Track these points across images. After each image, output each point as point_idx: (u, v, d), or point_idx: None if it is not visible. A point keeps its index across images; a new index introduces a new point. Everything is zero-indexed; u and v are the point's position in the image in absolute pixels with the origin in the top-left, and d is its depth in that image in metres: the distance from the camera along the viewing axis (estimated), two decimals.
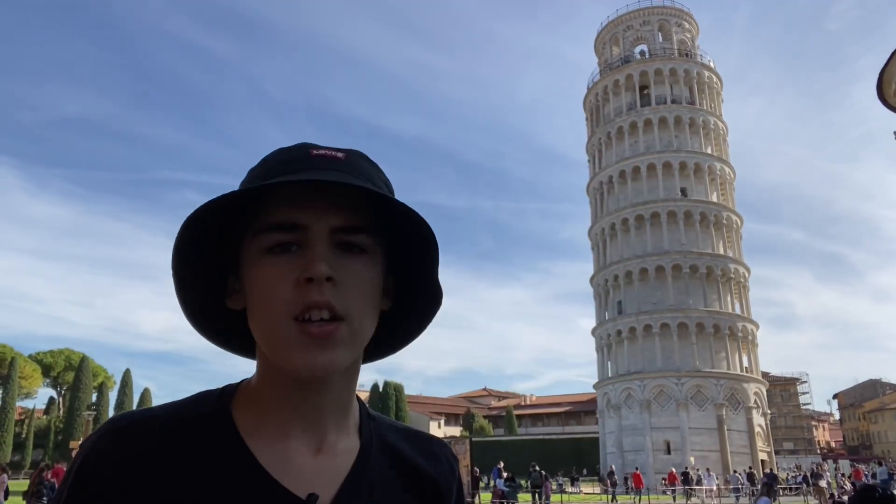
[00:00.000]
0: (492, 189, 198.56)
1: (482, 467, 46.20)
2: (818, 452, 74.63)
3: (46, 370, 64.79)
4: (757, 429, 42.21)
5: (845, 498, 22.96)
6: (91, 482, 0.63)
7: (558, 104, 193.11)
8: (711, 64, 50.34)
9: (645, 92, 49.03)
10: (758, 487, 30.21)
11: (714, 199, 45.81)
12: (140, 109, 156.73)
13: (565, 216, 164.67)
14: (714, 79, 49.92)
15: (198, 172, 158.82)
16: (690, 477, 33.13)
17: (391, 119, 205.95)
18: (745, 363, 44.11)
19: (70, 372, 63.65)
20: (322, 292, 0.63)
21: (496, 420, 77.54)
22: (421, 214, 0.66)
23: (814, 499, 28.66)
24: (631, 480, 32.97)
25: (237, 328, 0.73)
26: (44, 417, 63.98)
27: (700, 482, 31.96)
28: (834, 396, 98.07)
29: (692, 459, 37.42)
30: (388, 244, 0.72)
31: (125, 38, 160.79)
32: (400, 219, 0.68)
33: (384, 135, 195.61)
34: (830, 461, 55.64)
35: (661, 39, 51.21)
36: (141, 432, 0.66)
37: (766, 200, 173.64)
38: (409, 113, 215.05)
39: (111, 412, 61.40)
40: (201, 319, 0.75)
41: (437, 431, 61.14)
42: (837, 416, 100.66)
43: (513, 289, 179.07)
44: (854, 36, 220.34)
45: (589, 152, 51.97)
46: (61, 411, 64.21)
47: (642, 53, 51.34)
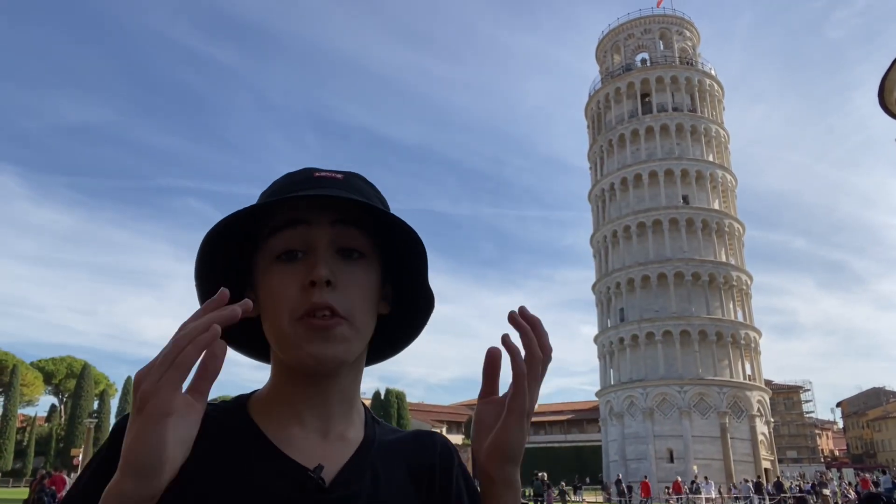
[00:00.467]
0: (493, 196, 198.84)
1: None
2: (822, 461, 74.20)
3: (48, 378, 64.71)
4: (760, 437, 42.01)
5: None
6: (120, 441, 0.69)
7: (560, 112, 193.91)
8: (712, 72, 50.46)
9: (646, 99, 49.13)
10: (764, 497, 30.09)
11: (716, 207, 45.80)
12: (143, 117, 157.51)
13: (567, 223, 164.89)
14: (715, 86, 50.01)
15: (200, 180, 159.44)
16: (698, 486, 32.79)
17: (393, 126, 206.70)
18: (748, 371, 43.93)
19: (72, 379, 63.60)
20: (322, 295, 0.71)
21: None
22: (410, 224, 0.74)
23: None
24: (638, 489, 32.69)
25: (254, 334, 0.80)
26: (45, 425, 63.87)
27: (698, 491, 31.58)
28: (837, 405, 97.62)
29: (695, 468, 37.20)
30: (384, 254, 0.80)
31: (129, 46, 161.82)
32: (393, 231, 0.76)
33: (386, 142, 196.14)
34: (834, 470, 55.34)
35: (663, 47, 51.36)
36: None
37: (768, 208, 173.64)
38: (411, 120, 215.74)
39: (112, 420, 61.32)
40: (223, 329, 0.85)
41: None
42: (841, 425, 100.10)
43: (514, 296, 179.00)
44: (855, 43, 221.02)
45: (590, 160, 52.04)
46: (63, 419, 64.13)
47: (643, 61, 51.49)
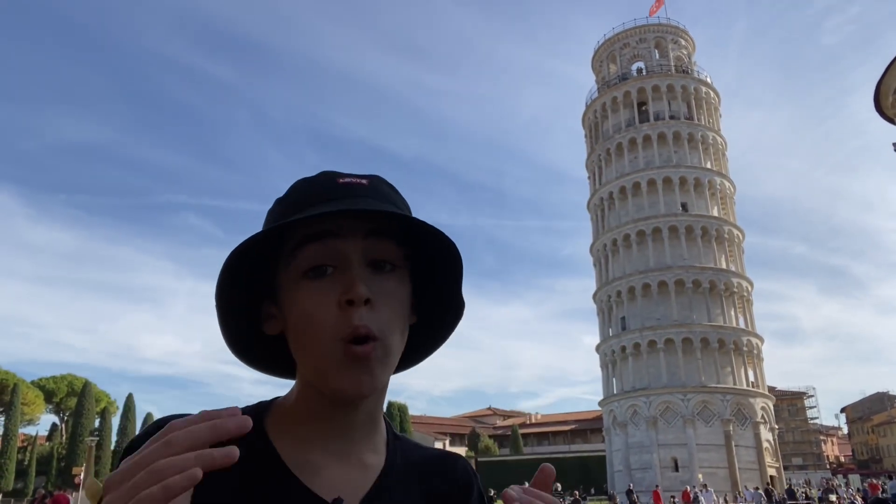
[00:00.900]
0: (492, 207, 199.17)
1: (495, 487, 45.74)
2: (827, 467, 73.84)
3: (49, 396, 64.44)
4: (765, 444, 41.80)
5: None
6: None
7: (557, 122, 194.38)
8: (708, 79, 50.72)
9: (643, 108, 49.34)
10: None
11: (715, 214, 45.87)
12: (141, 134, 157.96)
13: (567, 233, 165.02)
14: (711, 94, 50.24)
15: (200, 196, 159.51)
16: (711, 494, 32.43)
17: (391, 139, 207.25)
18: (751, 378, 43.82)
19: (73, 398, 63.33)
20: (362, 317, 0.67)
21: (501, 439, 76.87)
22: (446, 233, 0.70)
23: None
24: (644, 499, 32.35)
25: (272, 351, 0.77)
26: (46, 444, 63.49)
27: (697, 499, 30.89)
28: (841, 410, 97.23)
29: (700, 476, 36.97)
30: (414, 260, 0.76)
31: (126, 64, 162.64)
32: (425, 237, 0.72)
33: (385, 155, 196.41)
34: (840, 476, 55.04)
35: (658, 56, 51.65)
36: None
37: (767, 214, 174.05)
38: (409, 133, 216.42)
39: (114, 438, 61.12)
40: (241, 346, 0.78)
41: None
42: (845, 431, 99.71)
43: (515, 307, 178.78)
44: (849, 49, 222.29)
45: (589, 169, 52.18)
46: (64, 438, 63.76)
47: (639, 70, 51.75)
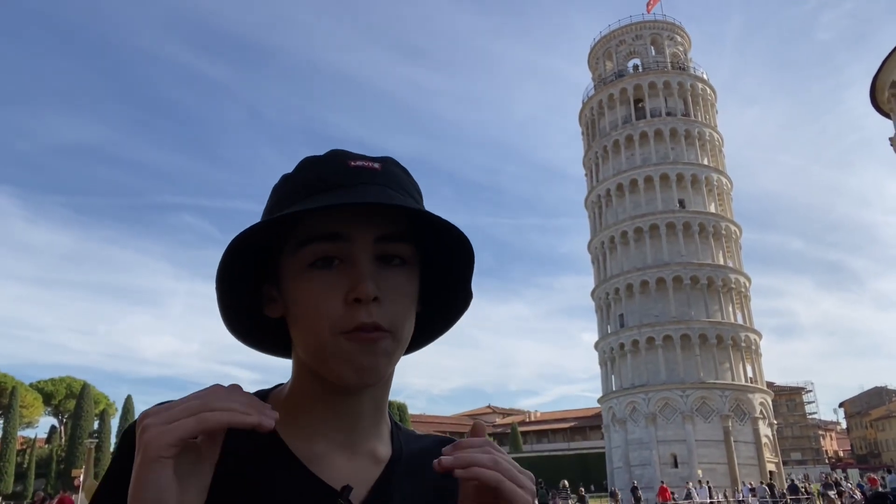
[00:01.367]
0: (490, 206, 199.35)
1: None
2: (826, 462, 73.97)
3: (47, 399, 64.32)
4: (764, 439, 41.84)
5: None
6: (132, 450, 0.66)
7: (554, 120, 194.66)
8: (704, 76, 50.69)
9: (639, 105, 49.32)
10: (777, 499, 29.94)
11: (712, 210, 45.87)
12: (137, 135, 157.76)
13: (564, 231, 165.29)
14: (708, 90, 50.23)
15: (196, 196, 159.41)
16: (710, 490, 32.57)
17: (387, 138, 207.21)
18: (750, 373, 43.83)
19: (71, 400, 63.21)
20: (371, 314, 0.65)
21: (501, 437, 76.90)
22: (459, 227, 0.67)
23: None
24: (645, 495, 32.27)
25: (271, 332, 0.76)
26: (45, 447, 63.40)
27: (689, 496, 30.72)
28: (840, 405, 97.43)
29: (700, 472, 37.04)
30: (424, 249, 0.74)
31: (122, 65, 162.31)
32: (437, 227, 0.69)
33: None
34: (839, 470, 55.15)
35: (654, 53, 51.61)
36: None
37: (764, 210, 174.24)
38: (405, 132, 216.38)
39: (113, 440, 60.97)
40: (239, 327, 0.77)
41: None
42: (844, 425, 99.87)
43: (514, 305, 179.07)
44: (845, 44, 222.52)
45: (586, 166, 52.15)
46: (63, 440, 63.69)
47: (636, 67, 51.71)
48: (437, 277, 0.77)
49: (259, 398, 0.69)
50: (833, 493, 27.25)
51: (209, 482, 0.57)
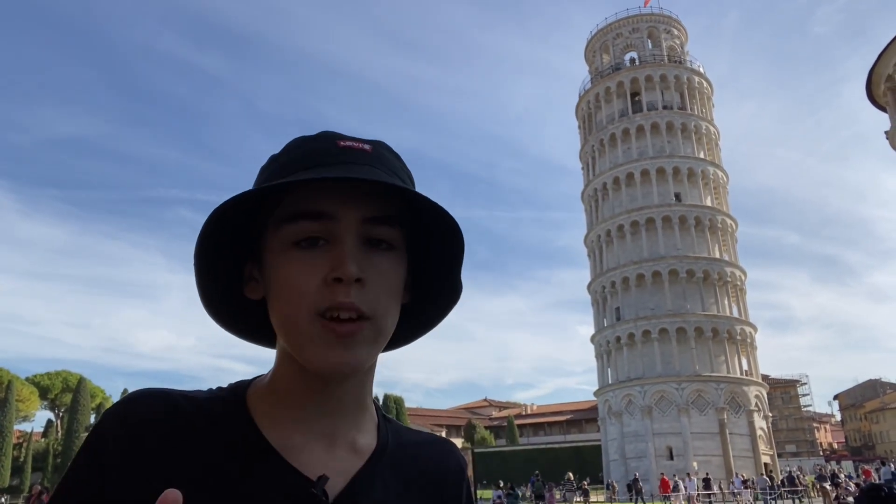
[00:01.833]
0: (486, 199, 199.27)
1: (486, 478, 45.95)
2: (821, 454, 74.50)
3: (44, 392, 64.26)
4: (759, 432, 42.06)
5: (850, 499, 22.87)
6: (103, 441, 0.64)
7: (550, 113, 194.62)
8: (701, 69, 50.64)
9: (636, 98, 49.26)
10: (776, 490, 30.13)
11: (708, 204, 45.93)
12: (132, 128, 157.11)
13: (560, 224, 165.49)
14: (704, 84, 50.20)
15: (192, 189, 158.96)
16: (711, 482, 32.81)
17: (383, 131, 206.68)
18: (745, 366, 44.03)
19: (68, 394, 63.19)
20: (349, 294, 0.62)
21: (497, 430, 77.18)
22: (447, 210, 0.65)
23: (818, 499, 28.58)
24: (639, 486, 32.30)
25: (253, 317, 0.73)
26: (42, 440, 63.43)
27: (677, 488, 30.57)
28: (835, 397, 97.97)
29: (695, 464, 37.25)
30: (412, 237, 0.71)
31: (116, 58, 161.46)
32: (426, 213, 0.67)
33: None
34: (834, 462, 55.49)
35: (651, 46, 51.53)
36: (154, 400, 0.66)
37: (760, 204, 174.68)
38: (402, 125, 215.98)
39: None
40: (219, 308, 0.74)
41: None
42: (839, 418, 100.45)
43: (510, 298, 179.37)
44: (841, 38, 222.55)
45: (582, 160, 52.12)
46: (59, 433, 63.67)
47: (632, 60, 51.64)
48: (427, 267, 0.74)
49: (239, 390, 0.71)
50: (829, 486, 27.38)
51: None
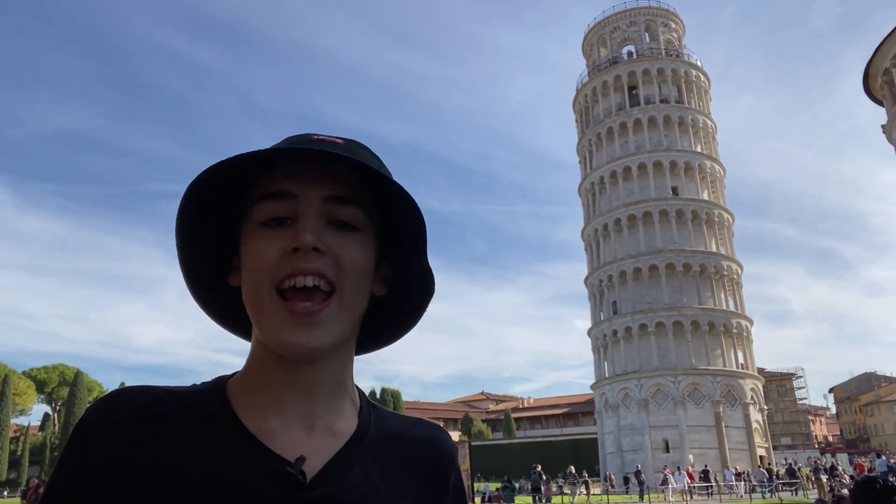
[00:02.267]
0: (483, 193, 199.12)
1: (483, 471, 46.08)
2: (816, 447, 74.81)
3: (41, 386, 64.24)
4: (755, 425, 42.25)
5: (845, 491, 22.99)
6: (85, 438, 0.65)
7: (548, 107, 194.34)
8: (698, 63, 50.57)
9: (634, 92, 49.18)
10: (773, 482, 30.27)
11: (705, 197, 45.94)
12: (128, 122, 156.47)
13: (558, 218, 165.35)
14: (702, 77, 50.14)
15: (187, 184, 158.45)
16: (711, 475, 32.94)
17: (380, 125, 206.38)
18: (741, 360, 44.15)
19: (64, 387, 63.18)
20: (309, 260, 0.64)
21: (495, 424, 77.40)
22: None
23: (813, 490, 28.76)
24: (635, 481, 32.49)
25: (242, 307, 0.72)
26: (39, 434, 63.46)
27: (666, 482, 30.64)
28: (830, 390, 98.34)
29: (691, 457, 37.43)
30: (381, 229, 0.73)
31: (112, 51, 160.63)
32: (391, 199, 0.70)
33: (373, 140, 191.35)
34: (829, 455, 55.77)
35: (648, 40, 51.42)
36: (135, 395, 0.68)
37: (757, 197, 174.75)
38: (398, 118, 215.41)
39: None
40: (206, 295, 0.76)
41: None
42: (834, 411, 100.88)
43: (507, 292, 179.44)
44: (838, 32, 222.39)
45: (580, 153, 52.07)
46: (56, 427, 63.67)
47: (630, 54, 51.52)
48: (397, 260, 0.76)
49: (221, 381, 0.72)
50: (825, 478, 27.54)
51: None
